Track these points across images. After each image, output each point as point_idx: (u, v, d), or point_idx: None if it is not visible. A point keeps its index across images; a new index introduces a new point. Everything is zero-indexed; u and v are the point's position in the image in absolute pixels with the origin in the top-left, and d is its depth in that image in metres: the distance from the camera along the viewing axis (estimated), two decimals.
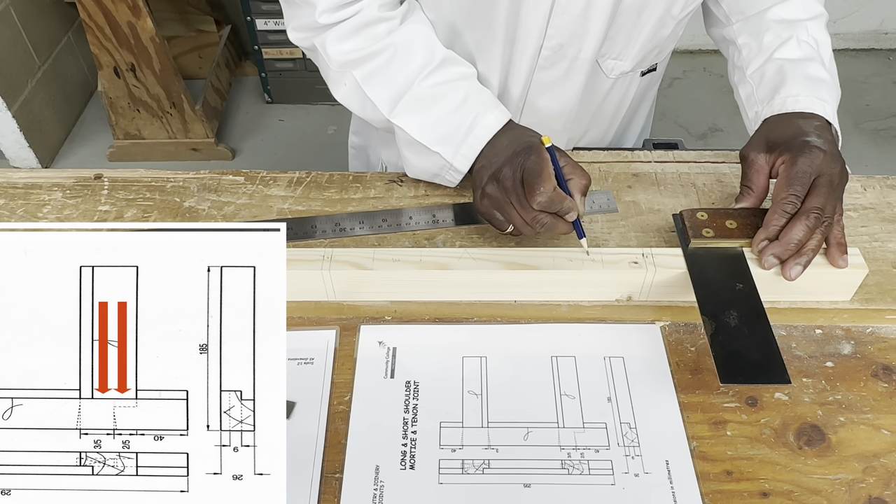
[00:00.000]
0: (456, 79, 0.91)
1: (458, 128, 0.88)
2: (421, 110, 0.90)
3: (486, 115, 0.88)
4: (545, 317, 0.83)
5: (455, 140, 0.88)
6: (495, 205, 0.82)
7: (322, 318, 0.83)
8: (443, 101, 0.89)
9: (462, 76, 0.92)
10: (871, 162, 2.78)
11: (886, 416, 0.74)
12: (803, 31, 0.96)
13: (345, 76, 0.93)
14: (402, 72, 0.90)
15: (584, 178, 0.81)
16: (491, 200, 0.82)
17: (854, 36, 3.33)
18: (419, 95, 0.90)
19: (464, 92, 0.90)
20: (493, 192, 0.82)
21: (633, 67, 1.04)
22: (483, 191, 0.83)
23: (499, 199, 0.81)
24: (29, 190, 0.98)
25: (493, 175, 0.83)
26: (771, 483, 0.69)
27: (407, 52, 0.91)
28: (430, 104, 0.90)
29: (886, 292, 0.85)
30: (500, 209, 0.82)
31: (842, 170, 0.83)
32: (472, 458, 0.70)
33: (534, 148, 0.81)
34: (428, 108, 0.90)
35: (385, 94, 0.91)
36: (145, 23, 2.39)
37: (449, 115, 0.88)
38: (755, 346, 0.72)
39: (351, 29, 0.91)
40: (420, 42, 0.92)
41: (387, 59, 0.91)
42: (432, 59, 0.91)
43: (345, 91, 0.95)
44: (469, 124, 0.87)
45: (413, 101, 0.90)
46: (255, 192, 0.98)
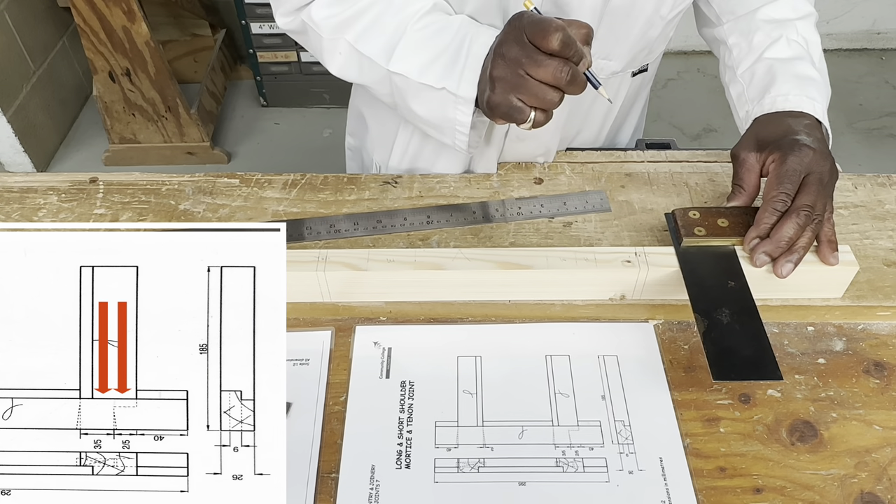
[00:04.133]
0: (447, 18, 0.88)
1: (456, 59, 0.85)
2: (418, 51, 0.87)
3: (477, 38, 0.84)
4: (539, 316, 0.84)
5: (457, 71, 0.84)
6: (508, 86, 0.78)
7: (317, 319, 0.84)
8: (437, 38, 0.87)
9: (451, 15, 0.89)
10: (864, 161, 2.79)
11: (878, 411, 0.75)
12: (793, 30, 0.96)
13: (338, 43, 0.92)
14: (393, 20, 0.88)
15: (582, 26, 0.77)
16: (502, 84, 0.78)
17: (847, 36, 3.34)
18: (414, 38, 0.88)
19: (455, 25, 0.87)
20: (500, 72, 0.78)
21: (624, 68, 1.04)
22: (491, 78, 0.79)
23: (509, 76, 0.77)
24: (24, 194, 0.99)
25: (494, 61, 0.79)
26: (764, 479, 0.69)
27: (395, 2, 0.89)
28: (427, 45, 0.87)
29: (877, 289, 0.85)
30: (514, 88, 0.78)
31: (832, 167, 0.83)
32: (468, 457, 0.71)
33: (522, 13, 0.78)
34: (424, 47, 0.87)
35: (379, 45, 0.89)
36: (140, 27, 2.39)
37: (446, 51, 0.86)
38: (747, 344, 0.72)
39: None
40: None
41: (377, 14, 0.89)
42: (423, 5, 0.89)
43: (340, 60, 0.94)
44: (465, 53, 0.84)
45: (409, 47, 0.88)
46: (249, 195, 0.98)
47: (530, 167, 1.03)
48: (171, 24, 2.95)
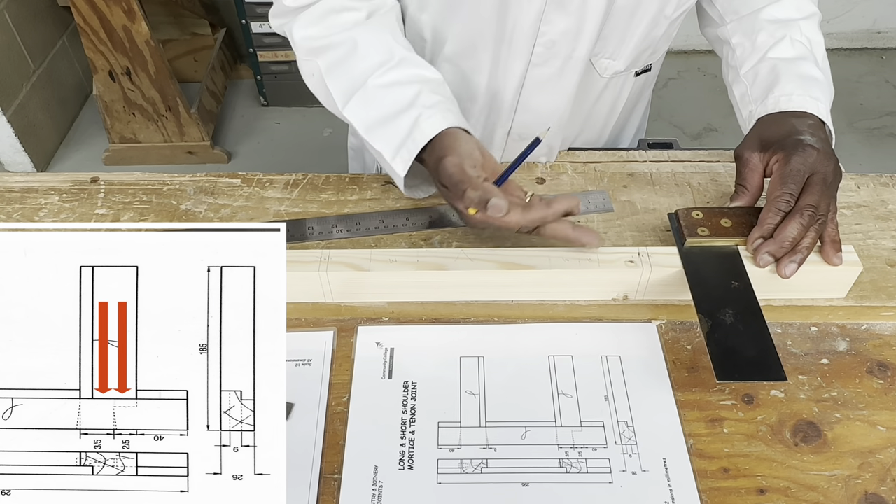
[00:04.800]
0: (409, 81, 0.89)
1: (399, 130, 0.85)
2: (369, 108, 0.89)
3: (426, 119, 0.84)
4: (542, 316, 0.83)
5: (395, 143, 0.86)
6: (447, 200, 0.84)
7: (319, 320, 0.83)
8: (391, 100, 0.87)
9: (416, 78, 0.89)
10: (865, 160, 2.79)
11: (882, 412, 0.74)
12: (797, 30, 0.96)
13: (311, 65, 0.93)
14: (358, 66, 0.89)
15: None
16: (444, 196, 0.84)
17: (847, 35, 3.34)
18: (370, 93, 0.88)
19: (413, 93, 0.87)
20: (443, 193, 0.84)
21: (627, 67, 1.04)
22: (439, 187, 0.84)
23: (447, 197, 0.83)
24: (25, 194, 0.99)
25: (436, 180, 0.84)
26: (768, 480, 0.69)
27: (367, 47, 0.90)
28: (379, 103, 0.88)
29: (881, 289, 0.85)
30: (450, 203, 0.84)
31: (835, 168, 0.83)
32: (471, 458, 0.71)
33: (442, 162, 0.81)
34: (376, 106, 0.88)
35: (341, 86, 0.90)
36: (140, 26, 2.39)
37: (394, 117, 0.86)
38: (751, 344, 0.72)
39: (316, 16, 0.91)
40: (381, 40, 0.91)
41: (346, 52, 0.90)
42: (391, 58, 0.89)
43: (313, 82, 0.95)
44: (409, 128, 0.85)
45: (363, 98, 0.89)
46: (251, 195, 0.98)
47: (532, 167, 1.02)
48: (171, 24, 2.95)
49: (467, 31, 0.95)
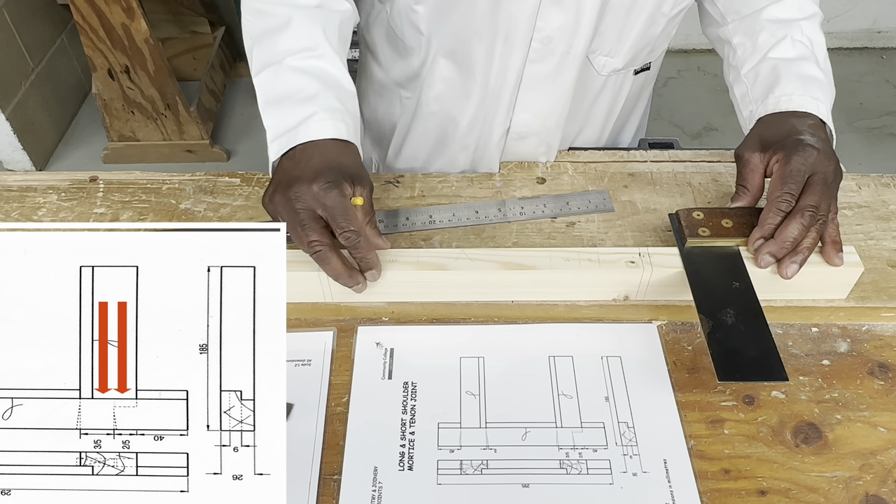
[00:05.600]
0: (322, 76, 0.88)
1: (290, 118, 0.84)
2: (275, 84, 0.88)
3: (318, 121, 0.83)
4: (542, 317, 0.83)
5: (281, 128, 0.84)
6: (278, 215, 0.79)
7: (319, 320, 0.83)
8: (296, 86, 0.86)
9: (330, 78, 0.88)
10: (865, 160, 2.79)
11: (883, 413, 0.74)
12: (798, 30, 0.96)
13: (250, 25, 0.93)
14: (285, 43, 0.88)
15: None
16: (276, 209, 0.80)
17: (847, 35, 3.34)
18: (282, 71, 0.87)
19: (317, 89, 0.86)
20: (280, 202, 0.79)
21: (625, 65, 1.04)
22: (272, 195, 0.80)
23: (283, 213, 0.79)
24: (24, 193, 0.98)
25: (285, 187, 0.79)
26: (768, 481, 0.69)
27: (297, 29, 0.89)
28: (285, 83, 0.87)
29: (882, 290, 0.85)
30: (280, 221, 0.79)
31: (836, 168, 0.83)
32: (471, 459, 0.71)
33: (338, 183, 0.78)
34: (281, 84, 0.87)
35: (262, 55, 0.90)
36: (139, 24, 2.38)
37: (291, 104, 0.85)
38: (752, 344, 0.72)
39: None
40: (312, 30, 0.90)
41: (278, 25, 0.89)
42: (315, 47, 0.88)
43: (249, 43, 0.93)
44: (299, 120, 0.83)
45: (275, 73, 0.88)
46: (251, 194, 0.98)
47: (533, 167, 1.02)
48: (170, 22, 2.94)
49: (462, 25, 0.95)
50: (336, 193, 0.77)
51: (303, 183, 0.77)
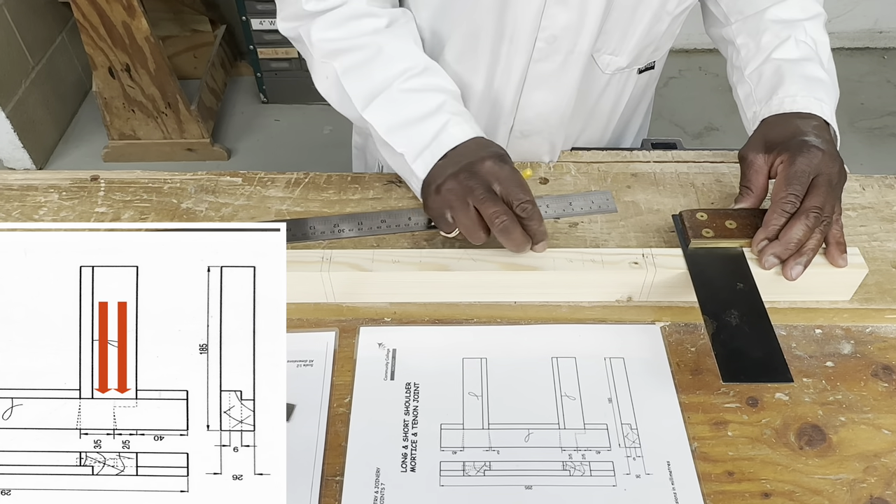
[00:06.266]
0: (434, 88, 0.90)
1: (424, 133, 0.86)
2: (393, 111, 0.89)
3: (455, 125, 0.86)
4: (545, 318, 0.83)
5: (419, 145, 0.86)
6: (448, 203, 0.80)
7: (321, 320, 0.83)
8: (416, 105, 0.88)
9: (441, 88, 0.91)
10: (866, 160, 2.79)
11: (887, 415, 0.74)
12: (801, 31, 0.96)
13: (326, 67, 0.93)
14: (382, 72, 0.90)
15: None
16: (445, 198, 0.81)
17: (849, 35, 3.34)
18: (394, 96, 0.89)
19: (439, 101, 0.88)
20: (451, 187, 0.80)
21: (630, 64, 1.04)
22: (439, 186, 0.81)
23: (455, 197, 0.80)
24: (25, 192, 0.98)
25: (454, 173, 0.81)
26: (772, 483, 0.69)
27: (391, 55, 0.90)
28: (403, 106, 0.88)
29: (886, 292, 0.85)
30: (453, 208, 0.80)
31: (840, 169, 0.83)
32: (473, 460, 0.70)
33: (507, 158, 0.81)
34: (400, 109, 0.89)
35: (362, 89, 0.90)
36: (140, 22, 2.38)
37: (419, 121, 0.87)
38: (757, 345, 0.72)
39: (337, 19, 0.91)
40: (406, 47, 0.92)
41: (369, 56, 0.90)
42: (415, 65, 0.90)
43: (326, 84, 0.95)
44: (436, 132, 0.85)
45: (387, 101, 0.89)
46: (252, 194, 0.97)
47: (535, 167, 1.02)
48: (171, 20, 2.94)
49: (466, 26, 0.95)
50: (509, 168, 0.80)
51: (473, 165, 0.80)
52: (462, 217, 0.79)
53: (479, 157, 0.81)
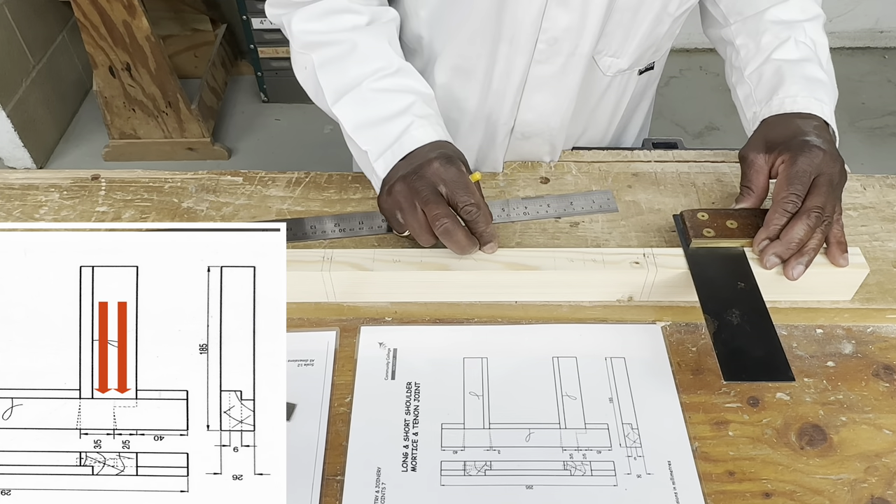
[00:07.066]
0: (404, 90, 0.90)
1: (388, 134, 0.86)
2: (361, 109, 0.89)
3: (419, 128, 0.86)
4: (546, 317, 0.83)
5: (383, 145, 0.86)
6: (398, 204, 0.81)
7: (322, 320, 0.83)
8: (384, 105, 0.88)
9: (412, 89, 0.90)
10: (867, 160, 2.79)
11: (888, 415, 0.74)
12: (801, 32, 0.96)
13: (305, 58, 0.94)
14: (355, 68, 0.90)
15: None
16: (395, 199, 0.81)
17: (849, 35, 3.33)
18: (364, 95, 0.89)
19: (407, 102, 0.88)
20: (400, 189, 0.81)
21: (631, 66, 1.04)
22: (391, 187, 0.82)
23: (404, 200, 0.80)
24: (25, 191, 0.98)
25: (404, 175, 0.81)
26: (773, 483, 0.69)
27: (366, 51, 0.91)
28: (372, 105, 0.89)
29: (887, 291, 0.85)
30: (402, 209, 0.81)
31: (841, 169, 0.83)
32: (474, 460, 0.70)
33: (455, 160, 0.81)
34: (368, 108, 0.89)
35: (334, 84, 0.91)
36: (140, 22, 2.38)
37: (385, 121, 0.87)
38: (758, 344, 0.72)
39: (318, 12, 0.92)
40: (380, 47, 0.92)
41: (344, 52, 0.91)
42: (389, 65, 0.91)
43: (304, 74, 0.95)
44: (399, 133, 0.86)
45: (357, 98, 0.90)
46: (253, 193, 0.97)
47: (536, 166, 1.02)
48: (171, 19, 2.94)
49: (466, 27, 0.95)
50: (455, 169, 0.80)
51: (422, 167, 0.80)
52: (410, 219, 0.80)
53: (427, 159, 0.81)
